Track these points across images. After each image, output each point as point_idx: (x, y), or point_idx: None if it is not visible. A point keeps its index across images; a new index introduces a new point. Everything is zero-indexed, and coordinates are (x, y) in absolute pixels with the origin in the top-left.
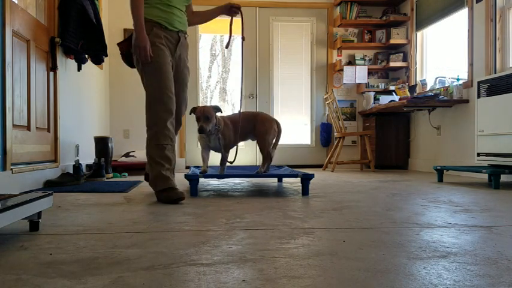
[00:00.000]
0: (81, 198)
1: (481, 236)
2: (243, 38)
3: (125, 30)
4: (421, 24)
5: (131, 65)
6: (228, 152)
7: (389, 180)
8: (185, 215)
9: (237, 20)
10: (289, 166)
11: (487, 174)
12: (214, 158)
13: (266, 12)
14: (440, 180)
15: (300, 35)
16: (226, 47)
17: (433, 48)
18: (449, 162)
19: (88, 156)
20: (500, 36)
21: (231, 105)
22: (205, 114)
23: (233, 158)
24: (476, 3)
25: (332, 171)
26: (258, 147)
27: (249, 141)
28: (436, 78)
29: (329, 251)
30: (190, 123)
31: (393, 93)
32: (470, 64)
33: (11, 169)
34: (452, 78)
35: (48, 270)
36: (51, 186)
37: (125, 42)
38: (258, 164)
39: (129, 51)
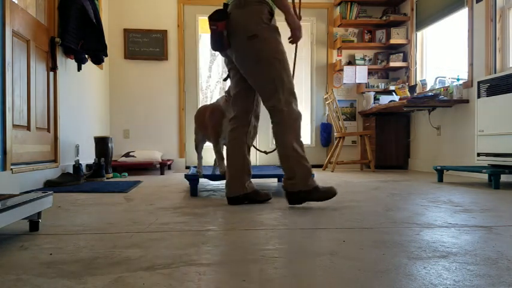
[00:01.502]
0: (81, 198)
1: (481, 236)
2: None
3: (125, 30)
4: (421, 24)
5: (222, 48)
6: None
7: (389, 180)
8: (185, 215)
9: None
10: None
11: (487, 174)
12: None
13: None
14: (440, 180)
15: None
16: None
17: (433, 48)
18: (449, 162)
19: (88, 156)
20: (500, 36)
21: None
22: None
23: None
24: (476, 3)
25: (332, 171)
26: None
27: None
28: (436, 78)
29: (329, 251)
30: (190, 123)
31: (393, 93)
32: (470, 64)
33: (11, 169)
34: (452, 78)
35: (48, 270)
36: (51, 186)
37: (223, 21)
38: (258, 164)
39: (222, 32)
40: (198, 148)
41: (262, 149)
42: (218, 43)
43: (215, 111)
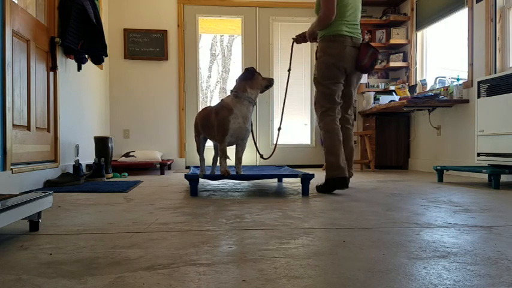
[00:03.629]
0: (81, 198)
1: (481, 236)
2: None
3: (125, 30)
4: (421, 24)
5: (372, 70)
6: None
7: (389, 180)
8: (185, 215)
9: (236, 20)
10: (289, 166)
11: (487, 174)
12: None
13: (266, 12)
14: (440, 180)
15: None
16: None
17: (433, 48)
18: (449, 162)
19: (88, 156)
20: (500, 36)
21: None
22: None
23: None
24: (476, 3)
25: None
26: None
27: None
28: (436, 78)
29: (329, 251)
30: (190, 123)
31: (393, 93)
32: (470, 64)
33: (11, 169)
34: (452, 78)
35: (48, 270)
36: (51, 186)
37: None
38: (259, 164)
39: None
40: (200, 151)
41: (261, 153)
42: (373, 66)
43: (222, 109)
